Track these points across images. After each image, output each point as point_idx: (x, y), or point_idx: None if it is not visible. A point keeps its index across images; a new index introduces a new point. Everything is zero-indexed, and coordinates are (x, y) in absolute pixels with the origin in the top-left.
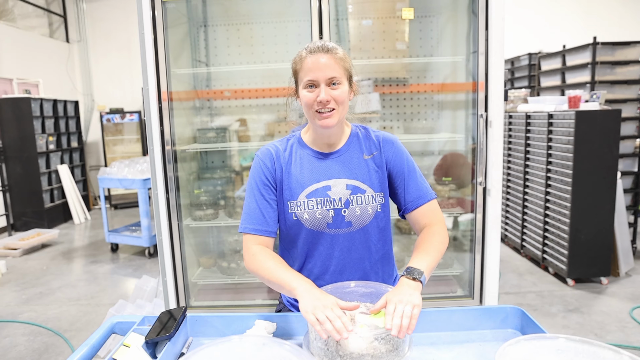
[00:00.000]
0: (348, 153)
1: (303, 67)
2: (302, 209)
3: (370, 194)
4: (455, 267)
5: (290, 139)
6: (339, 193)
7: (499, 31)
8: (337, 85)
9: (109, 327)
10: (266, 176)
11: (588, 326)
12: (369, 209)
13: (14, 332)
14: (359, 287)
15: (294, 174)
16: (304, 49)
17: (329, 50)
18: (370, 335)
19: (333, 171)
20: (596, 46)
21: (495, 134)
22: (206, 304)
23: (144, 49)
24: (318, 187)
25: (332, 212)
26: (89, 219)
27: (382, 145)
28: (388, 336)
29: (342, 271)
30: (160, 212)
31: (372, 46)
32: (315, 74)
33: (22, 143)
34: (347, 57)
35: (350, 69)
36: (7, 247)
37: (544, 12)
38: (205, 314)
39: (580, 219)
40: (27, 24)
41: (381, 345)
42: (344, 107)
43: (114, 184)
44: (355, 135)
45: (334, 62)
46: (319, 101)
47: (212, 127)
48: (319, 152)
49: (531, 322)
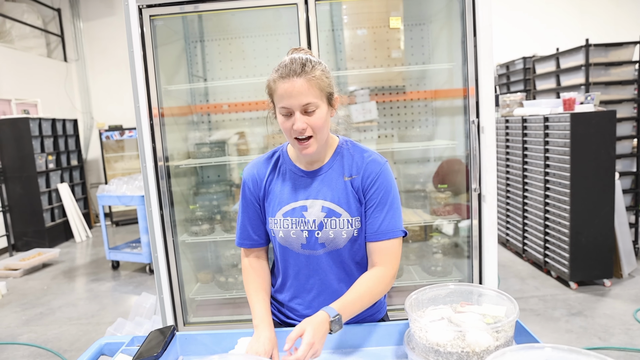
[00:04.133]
0: (329, 173)
1: (276, 92)
2: (278, 227)
3: (345, 219)
4: (455, 274)
5: (277, 152)
6: (314, 215)
7: (487, 37)
8: (313, 112)
9: (97, 349)
10: (250, 195)
11: (592, 330)
12: (343, 233)
13: (13, 354)
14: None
15: (275, 190)
16: (277, 69)
17: (303, 72)
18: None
19: (311, 191)
20: (589, 48)
21: (487, 139)
22: (205, 319)
23: (134, 66)
24: (295, 206)
25: (305, 233)
26: (90, 237)
27: (366, 167)
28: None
29: (320, 292)
30: (155, 228)
31: (367, 55)
32: (289, 102)
33: (21, 163)
34: (326, 73)
35: (328, 87)
36: (7, 268)
37: (538, 15)
38: (195, 332)
39: (580, 221)
40: (25, 45)
41: (500, 335)
42: (322, 132)
43: (113, 201)
44: (340, 152)
45: (307, 87)
46: (295, 129)
47: (210, 141)
48: (300, 169)
49: (524, 331)
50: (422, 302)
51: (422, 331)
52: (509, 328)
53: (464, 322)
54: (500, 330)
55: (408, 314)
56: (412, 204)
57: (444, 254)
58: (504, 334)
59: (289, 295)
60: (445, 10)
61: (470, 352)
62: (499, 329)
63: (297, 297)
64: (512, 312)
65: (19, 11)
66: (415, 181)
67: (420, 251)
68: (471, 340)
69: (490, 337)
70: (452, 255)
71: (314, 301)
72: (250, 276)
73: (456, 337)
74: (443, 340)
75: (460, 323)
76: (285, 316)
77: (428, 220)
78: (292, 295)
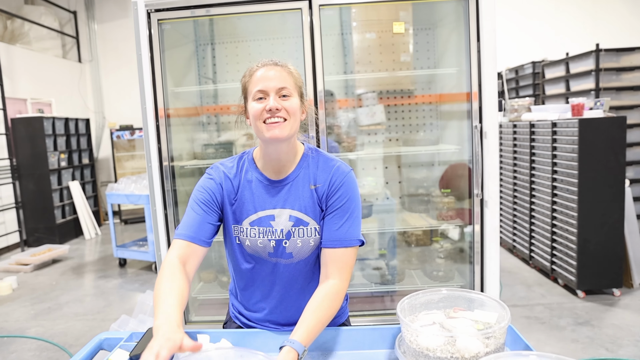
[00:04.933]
0: (295, 181)
1: (252, 80)
2: (244, 235)
3: (313, 227)
4: (457, 280)
5: (243, 158)
6: (282, 224)
7: (491, 42)
8: (288, 97)
9: (97, 343)
10: (210, 193)
11: (599, 340)
12: (311, 241)
13: (21, 347)
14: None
15: (240, 198)
16: (254, 64)
17: (279, 64)
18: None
19: (278, 200)
20: (599, 53)
21: (490, 145)
22: (207, 318)
23: (141, 68)
24: (262, 215)
25: (273, 242)
26: (99, 234)
27: (329, 175)
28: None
29: (282, 299)
30: (159, 227)
31: (374, 59)
32: (265, 84)
33: (34, 161)
34: (299, 75)
35: (301, 87)
36: (18, 263)
37: (548, 20)
38: (190, 330)
39: (588, 228)
40: (42, 46)
41: (490, 341)
42: (295, 120)
43: (121, 200)
44: (306, 159)
45: (285, 74)
46: (269, 109)
47: (217, 142)
48: (267, 178)
49: (518, 338)
50: (414, 306)
51: (412, 335)
52: (500, 334)
53: (455, 328)
54: (491, 337)
55: (399, 318)
56: (417, 208)
57: (446, 259)
58: (494, 340)
59: (254, 299)
60: (452, 14)
61: (460, 358)
62: (489, 335)
63: (261, 302)
64: (504, 319)
65: (36, 14)
66: (420, 185)
67: (423, 256)
68: (461, 346)
69: (480, 343)
70: (455, 261)
71: (277, 307)
72: (166, 275)
73: (446, 343)
74: (433, 345)
75: (451, 328)
76: (247, 319)
77: (432, 224)
78: (257, 299)
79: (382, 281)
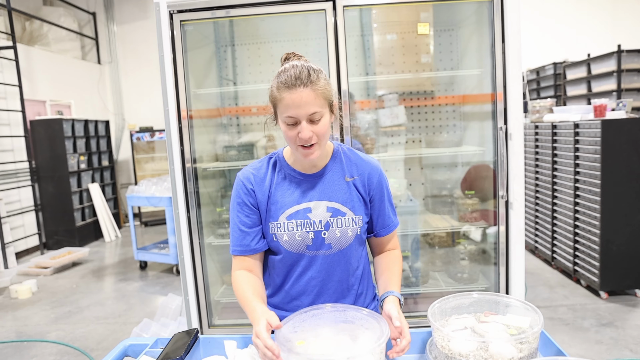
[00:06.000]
0: (330, 174)
1: (282, 102)
2: (282, 230)
3: (350, 217)
4: (481, 282)
5: (272, 158)
6: (320, 215)
7: (516, 43)
8: (318, 121)
9: (122, 350)
10: (246, 197)
11: (623, 341)
12: (349, 231)
13: (41, 351)
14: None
15: (274, 195)
16: (279, 76)
17: (309, 82)
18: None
19: (314, 193)
20: (621, 54)
21: (515, 146)
22: (230, 322)
23: (164, 70)
24: (298, 209)
25: (312, 234)
26: (119, 237)
27: (365, 170)
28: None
29: (320, 293)
30: (181, 230)
31: (396, 60)
32: (296, 112)
33: (54, 163)
34: (328, 82)
35: (330, 95)
36: (38, 266)
37: (569, 21)
38: (217, 336)
39: (610, 229)
40: (61, 48)
41: (524, 346)
42: (325, 137)
43: (142, 202)
44: (338, 155)
45: (314, 96)
46: (301, 138)
47: (238, 143)
48: (300, 172)
49: (550, 342)
50: (445, 310)
51: (444, 340)
52: (533, 339)
53: (487, 333)
54: (524, 342)
55: (431, 322)
56: (440, 209)
57: (470, 260)
58: (527, 346)
59: (289, 297)
60: (474, 16)
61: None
62: (522, 340)
63: (296, 299)
64: (537, 323)
65: (56, 15)
66: (442, 187)
67: (447, 257)
68: (494, 351)
69: (513, 349)
70: (478, 262)
71: (314, 303)
72: (239, 283)
73: (479, 348)
74: (465, 350)
75: (483, 333)
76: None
77: (455, 226)
78: (292, 298)
79: (405, 283)
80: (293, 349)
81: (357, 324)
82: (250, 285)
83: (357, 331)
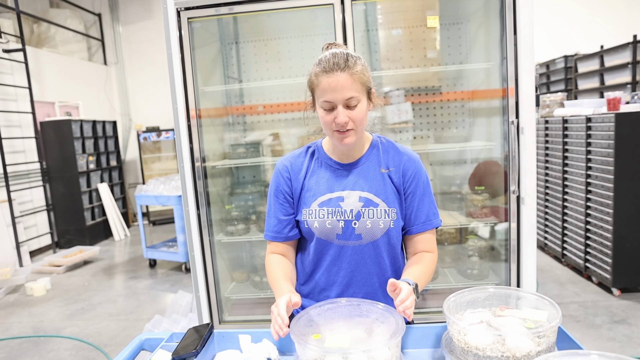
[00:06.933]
0: (366, 165)
1: (319, 86)
2: (313, 217)
3: (383, 208)
4: (491, 278)
5: (311, 147)
6: (351, 205)
7: (528, 35)
8: (355, 106)
9: (138, 344)
10: (282, 186)
11: (636, 339)
12: (381, 223)
13: (57, 346)
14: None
15: (310, 183)
16: (319, 63)
17: (346, 67)
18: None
19: (348, 182)
20: (636, 45)
21: (527, 140)
22: (240, 318)
23: (172, 68)
24: (331, 197)
25: (342, 222)
26: (128, 236)
27: (403, 162)
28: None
29: (348, 285)
30: (192, 228)
31: (402, 55)
32: (333, 96)
33: (64, 163)
34: (366, 68)
35: (368, 82)
36: (51, 264)
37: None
38: (231, 330)
39: (624, 226)
40: (68, 49)
41: (542, 340)
42: (362, 124)
43: (150, 201)
44: (376, 146)
45: (351, 81)
46: (337, 123)
47: (245, 142)
48: (337, 162)
49: (567, 337)
50: (460, 304)
51: (460, 334)
52: (551, 334)
53: (503, 326)
54: (542, 336)
55: (446, 316)
56: (448, 206)
57: (480, 257)
58: (545, 340)
59: (318, 287)
60: (482, 9)
61: (511, 357)
62: (540, 334)
63: (325, 290)
64: (555, 317)
65: (62, 17)
66: (451, 183)
67: (456, 254)
68: (512, 345)
69: (531, 342)
70: (488, 259)
71: (342, 295)
72: (270, 265)
73: (496, 341)
74: (482, 344)
75: (499, 327)
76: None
77: (464, 222)
78: (321, 288)
79: None
80: (309, 342)
81: (372, 317)
82: (281, 268)
83: (372, 325)
